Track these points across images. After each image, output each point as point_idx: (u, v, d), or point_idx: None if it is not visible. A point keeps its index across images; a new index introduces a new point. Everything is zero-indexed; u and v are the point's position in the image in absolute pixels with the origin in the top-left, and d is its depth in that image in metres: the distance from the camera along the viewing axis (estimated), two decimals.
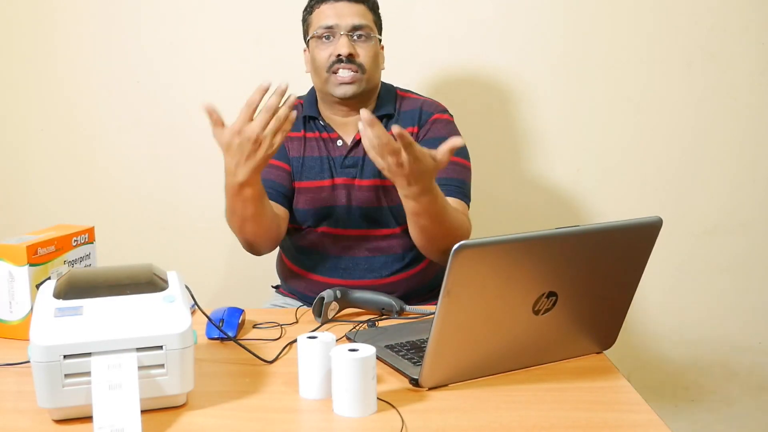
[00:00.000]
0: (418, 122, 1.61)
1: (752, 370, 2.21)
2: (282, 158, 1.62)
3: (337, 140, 1.61)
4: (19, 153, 2.20)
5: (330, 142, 1.62)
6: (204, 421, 0.94)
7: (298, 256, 1.65)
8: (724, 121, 2.11)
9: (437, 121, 1.61)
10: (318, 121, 1.63)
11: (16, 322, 1.23)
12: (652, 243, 1.07)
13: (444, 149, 1.25)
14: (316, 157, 1.61)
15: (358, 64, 1.52)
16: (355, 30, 1.52)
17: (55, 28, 2.14)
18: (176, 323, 0.94)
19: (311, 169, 1.60)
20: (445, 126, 1.61)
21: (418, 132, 1.60)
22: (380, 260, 1.58)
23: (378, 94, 1.63)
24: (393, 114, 1.62)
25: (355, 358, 0.93)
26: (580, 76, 2.10)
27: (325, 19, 1.53)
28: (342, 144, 1.60)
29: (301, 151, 1.62)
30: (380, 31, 1.62)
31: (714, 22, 2.06)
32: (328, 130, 1.62)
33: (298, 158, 1.62)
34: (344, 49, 1.50)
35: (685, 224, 2.15)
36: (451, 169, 1.53)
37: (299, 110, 1.64)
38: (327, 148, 1.61)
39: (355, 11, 1.53)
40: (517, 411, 0.95)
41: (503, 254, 0.96)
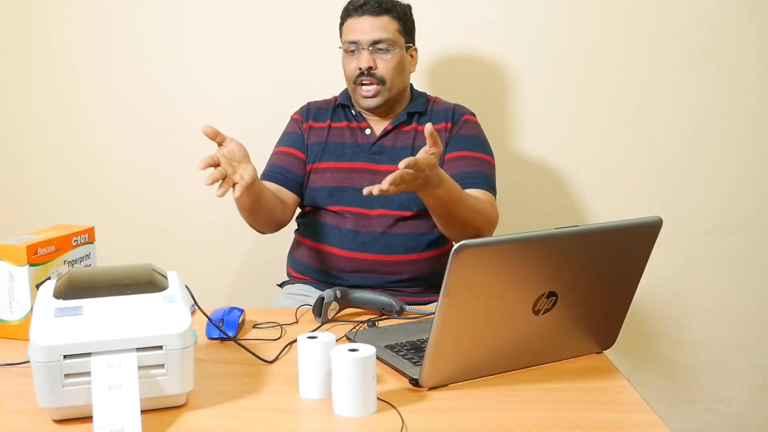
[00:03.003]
0: (452, 119, 1.72)
1: (752, 370, 2.21)
2: (297, 145, 1.72)
3: (366, 129, 1.71)
4: (19, 153, 2.20)
5: (359, 130, 1.71)
6: (204, 421, 0.94)
7: (314, 232, 1.69)
8: (724, 121, 2.11)
9: (468, 121, 1.73)
10: (350, 109, 1.73)
11: (16, 322, 1.23)
12: (652, 243, 1.07)
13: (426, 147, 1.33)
14: (339, 143, 1.70)
15: (378, 77, 1.65)
16: (375, 44, 1.64)
17: (54, 29, 2.14)
18: (176, 323, 0.94)
19: (332, 152, 1.69)
20: (475, 127, 1.73)
21: (451, 128, 1.70)
22: (398, 237, 1.63)
23: (411, 95, 1.75)
24: (425, 112, 1.73)
25: (355, 358, 0.93)
26: (580, 76, 2.10)
27: (351, 33, 1.66)
28: (371, 132, 1.70)
29: (323, 137, 1.71)
30: (409, 37, 1.71)
31: (714, 22, 2.06)
32: (359, 119, 1.72)
33: (320, 143, 1.71)
34: (364, 63, 1.63)
35: (685, 224, 2.15)
36: (474, 163, 1.65)
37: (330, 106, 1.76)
38: (354, 135, 1.71)
39: (377, 25, 1.65)
40: (517, 411, 0.95)
41: (503, 254, 0.96)
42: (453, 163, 1.65)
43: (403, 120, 1.70)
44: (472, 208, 1.49)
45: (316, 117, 1.75)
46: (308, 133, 1.73)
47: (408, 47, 1.71)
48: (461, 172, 1.62)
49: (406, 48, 1.70)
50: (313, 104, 1.79)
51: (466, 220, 1.49)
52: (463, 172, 1.63)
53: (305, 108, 1.79)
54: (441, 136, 1.67)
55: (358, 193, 1.64)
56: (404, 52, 1.69)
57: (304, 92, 1.78)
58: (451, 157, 1.66)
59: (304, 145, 1.72)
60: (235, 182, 1.33)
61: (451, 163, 1.65)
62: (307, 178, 1.71)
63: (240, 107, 2.13)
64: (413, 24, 1.74)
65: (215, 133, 1.36)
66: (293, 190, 1.69)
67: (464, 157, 1.66)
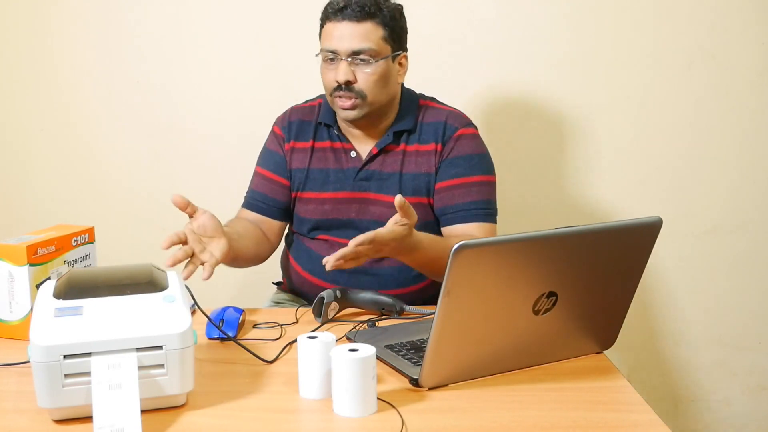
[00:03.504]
0: (442, 138, 1.56)
1: (752, 370, 2.21)
2: (279, 171, 1.62)
3: (351, 151, 1.58)
4: (19, 153, 2.20)
5: (343, 153, 1.59)
6: (204, 421, 0.94)
7: (302, 257, 1.63)
8: (724, 121, 2.10)
9: (462, 137, 1.57)
10: (332, 129, 1.59)
11: (16, 322, 1.23)
12: (652, 243, 1.07)
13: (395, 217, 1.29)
14: (322, 169, 1.58)
15: (356, 91, 1.48)
16: (355, 55, 1.47)
17: (54, 29, 2.14)
18: (176, 323, 0.94)
19: (315, 181, 1.58)
20: (470, 142, 1.57)
21: (441, 150, 1.56)
22: (387, 272, 1.54)
23: (399, 105, 1.59)
24: (413, 129, 1.57)
25: (355, 358, 0.93)
26: (580, 76, 2.09)
27: (328, 40, 1.49)
28: (356, 156, 1.57)
29: (306, 162, 1.59)
30: (398, 43, 1.53)
31: (714, 22, 2.06)
32: (342, 140, 1.59)
33: (302, 170, 1.60)
34: (341, 76, 1.46)
35: (685, 224, 2.15)
36: (466, 193, 1.54)
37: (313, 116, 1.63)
38: (338, 159, 1.58)
39: (358, 32, 1.46)
40: (517, 411, 0.95)
41: (503, 254, 0.96)
42: (444, 194, 1.55)
43: (390, 141, 1.56)
44: None
45: (299, 133, 1.61)
46: (290, 156, 1.61)
47: (396, 55, 1.53)
48: (453, 205, 1.54)
49: (394, 57, 1.52)
50: (296, 113, 1.65)
51: None
52: (456, 205, 1.54)
53: (287, 119, 1.64)
54: (429, 161, 1.55)
55: (345, 224, 1.56)
56: (390, 62, 1.51)
57: (303, 93, 1.77)
58: (442, 187, 1.55)
59: (286, 170, 1.61)
60: (204, 261, 1.27)
61: (442, 194, 1.55)
62: (293, 203, 1.63)
63: (240, 107, 2.13)
64: (404, 28, 1.56)
65: (185, 204, 1.29)
66: (279, 218, 1.62)
67: (456, 186, 1.54)
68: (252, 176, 1.67)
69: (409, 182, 1.55)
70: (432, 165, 1.55)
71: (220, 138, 2.14)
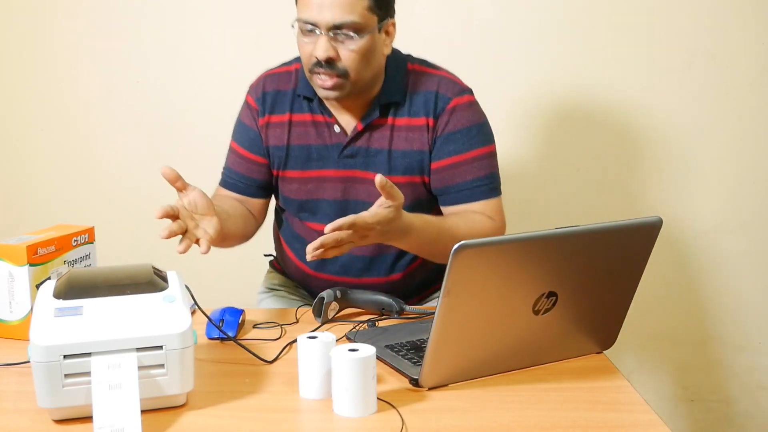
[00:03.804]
0: (434, 111, 1.41)
1: (752, 370, 2.21)
2: (254, 149, 1.49)
3: (334, 125, 1.43)
4: (19, 153, 2.20)
5: (325, 127, 1.43)
6: (204, 421, 0.94)
7: (291, 239, 1.55)
8: (724, 121, 2.10)
9: (457, 108, 1.42)
10: (313, 102, 1.43)
11: (16, 322, 1.23)
12: (652, 243, 1.07)
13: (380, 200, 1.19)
14: (303, 146, 1.45)
15: (338, 68, 1.32)
16: (337, 29, 1.29)
17: (55, 29, 2.14)
18: (176, 323, 0.94)
19: (296, 159, 1.45)
20: (466, 113, 1.42)
21: (434, 125, 1.41)
22: (380, 259, 1.47)
23: (384, 75, 1.43)
24: (402, 100, 1.42)
25: (355, 358, 0.93)
26: (579, 75, 2.09)
27: (307, 9, 1.31)
28: (340, 131, 1.43)
29: (284, 139, 1.45)
30: (385, 10, 1.36)
31: (714, 22, 2.06)
32: (324, 113, 1.43)
33: (281, 147, 1.46)
34: (321, 53, 1.30)
35: (685, 224, 2.15)
36: (467, 170, 1.42)
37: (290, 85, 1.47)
38: (320, 134, 1.44)
39: (340, 2, 1.28)
40: (517, 411, 0.95)
41: (503, 254, 0.96)
42: (444, 174, 1.42)
43: (377, 115, 1.41)
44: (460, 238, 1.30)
45: (275, 105, 1.46)
46: (266, 132, 1.47)
47: (383, 24, 1.35)
48: (456, 184, 1.42)
49: (380, 27, 1.34)
50: (271, 81, 1.49)
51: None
52: (458, 184, 1.42)
53: (261, 89, 1.48)
54: (422, 137, 1.41)
55: (332, 206, 1.45)
56: (376, 34, 1.34)
57: None
58: (441, 166, 1.42)
59: (263, 148, 1.48)
60: (199, 237, 1.23)
61: (441, 173, 1.42)
62: (275, 181, 1.51)
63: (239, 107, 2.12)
64: None
65: (176, 177, 1.22)
66: (260, 196, 1.52)
67: (457, 164, 1.42)
68: (228, 151, 1.56)
69: (400, 160, 1.42)
70: (425, 142, 1.42)
71: (219, 138, 2.13)
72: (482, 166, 1.43)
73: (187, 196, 1.26)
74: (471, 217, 1.41)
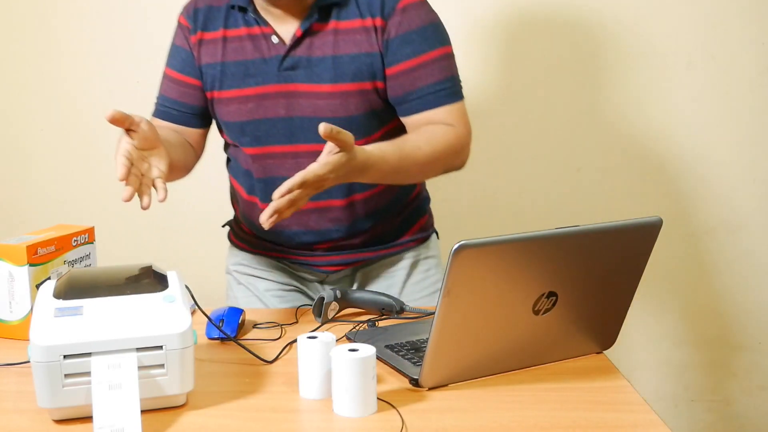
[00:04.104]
0: (381, 10, 1.30)
1: (752, 370, 2.21)
2: (187, 69, 1.40)
3: (272, 36, 1.33)
4: (19, 153, 2.20)
5: (262, 39, 1.34)
6: (204, 421, 0.94)
7: (239, 175, 1.45)
8: (724, 121, 2.11)
9: (408, 7, 1.32)
10: (248, 13, 1.34)
11: (16, 322, 1.23)
12: (652, 243, 1.07)
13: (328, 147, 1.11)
14: (240, 61, 1.35)
15: None
16: None
17: (55, 28, 2.14)
18: (176, 323, 0.93)
19: (233, 77, 1.35)
20: (419, 11, 1.33)
21: (385, 25, 1.30)
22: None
23: None
24: (344, 3, 1.32)
25: (355, 358, 0.93)
26: (580, 75, 2.10)
27: None
28: (278, 42, 1.33)
29: (218, 55, 1.36)
30: None
31: (714, 22, 2.06)
32: (260, 23, 1.34)
33: (215, 65, 1.36)
34: None
35: (685, 224, 2.15)
36: (437, 69, 1.32)
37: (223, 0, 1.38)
38: (257, 47, 1.34)
39: None
40: (517, 411, 0.95)
41: (503, 254, 0.96)
42: (402, 79, 1.32)
43: (316, 19, 1.31)
44: (425, 162, 1.25)
45: (207, 21, 1.37)
46: (199, 50, 1.37)
47: None
48: (416, 90, 1.32)
49: None
50: None
51: (423, 175, 1.30)
52: (419, 89, 1.32)
53: (192, 6, 1.40)
54: (370, 39, 1.31)
55: (277, 125, 1.34)
56: None
57: None
58: (399, 71, 1.32)
59: (196, 68, 1.38)
60: (155, 180, 1.15)
61: (400, 78, 1.32)
62: (210, 106, 1.40)
63: None
64: None
65: (124, 118, 1.10)
66: (196, 125, 1.42)
67: (416, 68, 1.31)
68: (161, 79, 1.47)
69: (347, 65, 1.31)
70: (374, 43, 1.31)
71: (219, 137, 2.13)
72: (442, 68, 1.34)
73: (138, 132, 1.14)
74: (431, 132, 1.30)
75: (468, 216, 2.14)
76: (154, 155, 1.17)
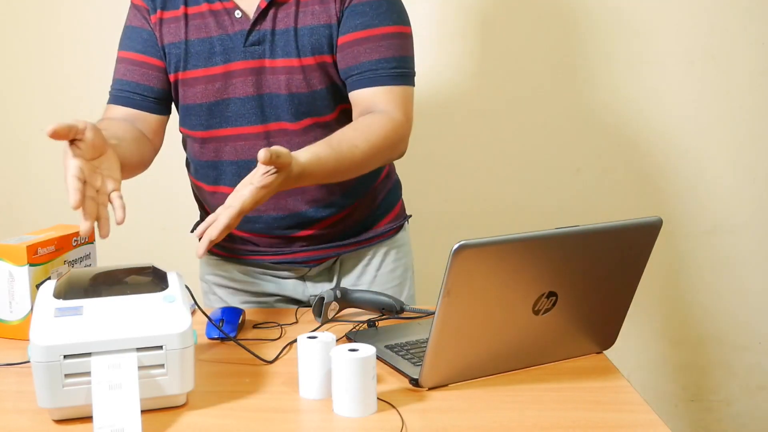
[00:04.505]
0: None
1: (752, 370, 2.21)
2: (149, 50, 1.33)
3: (235, 10, 1.29)
4: (19, 153, 2.20)
5: (225, 14, 1.29)
6: (204, 421, 0.94)
7: (203, 169, 1.40)
8: (724, 121, 2.11)
9: None
10: None
11: (16, 322, 1.23)
12: (652, 243, 1.07)
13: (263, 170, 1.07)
14: (204, 39, 1.30)
15: None
16: None
17: (56, 28, 2.14)
18: (176, 323, 0.93)
19: (198, 56, 1.30)
20: None
21: None
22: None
23: None
24: None
25: (355, 358, 0.93)
26: (580, 75, 2.10)
27: None
28: (242, 16, 1.29)
29: (181, 34, 1.31)
30: None
31: (714, 22, 2.06)
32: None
33: (179, 44, 1.31)
34: None
35: (685, 224, 2.15)
36: (384, 46, 1.27)
37: None
38: (220, 24, 1.29)
39: None
40: (517, 411, 0.95)
41: (503, 254, 0.96)
42: (347, 51, 1.28)
43: None
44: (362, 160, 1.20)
45: (166, 0, 1.32)
46: (160, 30, 1.32)
47: None
48: (359, 64, 1.27)
49: None
50: None
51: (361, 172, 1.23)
52: (362, 64, 1.27)
53: None
54: (329, 9, 1.28)
55: (246, 104, 1.30)
56: None
57: None
58: (345, 42, 1.27)
59: (158, 48, 1.32)
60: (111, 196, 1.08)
61: (345, 50, 1.28)
62: (174, 89, 1.34)
63: None
64: None
65: (67, 131, 1.01)
66: (157, 111, 1.35)
67: (362, 40, 1.27)
68: (115, 65, 1.38)
69: (306, 38, 1.28)
70: (332, 14, 1.28)
71: None
72: (391, 46, 1.28)
73: (85, 141, 1.05)
74: (367, 126, 1.24)
75: (468, 216, 2.14)
76: (105, 161, 1.09)
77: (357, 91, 1.29)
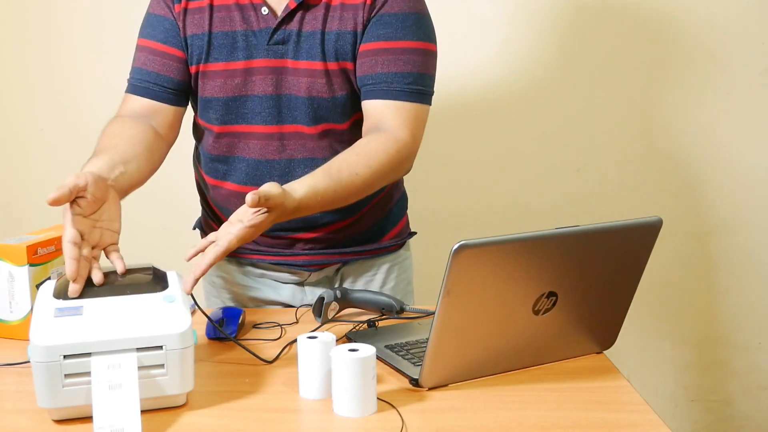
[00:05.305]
0: None
1: (752, 370, 2.21)
2: (171, 40, 1.31)
3: (262, 7, 1.27)
4: (19, 153, 2.20)
5: (251, 10, 1.27)
6: (204, 421, 0.94)
7: (213, 163, 1.38)
8: (724, 121, 2.10)
9: None
10: None
11: (16, 322, 1.23)
12: (652, 243, 1.07)
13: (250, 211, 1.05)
14: (228, 32, 1.28)
15: None
16: None
17: (56, 28, 2.14)
18: (176, 323, 0.94)
19: (221, 48, 1.28)
20: None
21: (372, 3, 1.25)
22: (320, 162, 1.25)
23: None
24: None
25: (355, 358, 0.93)
26: (580, 75, 2.09)
27: None
28: (268, 13, 1.27)
29: (205, 26, 1.28)
30: None
31: (714, 22, 2.06)
32: None
33: (202, 35, 1.29)
34: None
35: (685, 224, 2.15)
36: (403, 60, 1.24)
37: None
38: (246, 19, 1.28)
39: None
40: (517, 411, 0.95)
41: (503, 254, 0.96)
42: (366, 59, 1.26)
43: None
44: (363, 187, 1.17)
45: None
46: (184, 20, 1.29)
47: None
48: (375, 74, 1.25)
49: None
50: None
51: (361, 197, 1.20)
52: (378, 75, 1.25)
53: None
54: (356, 16, 1.25)
55: (264, 103, 1.28)
56: None
57: None
58: (365, 50, 1.26)
59: (180, 38, 1.29)
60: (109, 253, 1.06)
61: (364, 58, 1.26)
62: (194, 81, 1.32)
63: None
64: None
65: (68, 194, 1.01)
66: (176, 103, 1.32)
67: (381, 51, 1.25)
68: (134, 53, 1.37)
69: (332, 42, 1.26)
70: (359, 21, 1.26)
71: None
72: (409, 61, 1.25)
73: (86, 197, 1.05)
74: (370, 150, 1.21)
75: (468, 216, 2.14)
76: (106, 211, 1.08)
77: (368, 101, 1.28)
